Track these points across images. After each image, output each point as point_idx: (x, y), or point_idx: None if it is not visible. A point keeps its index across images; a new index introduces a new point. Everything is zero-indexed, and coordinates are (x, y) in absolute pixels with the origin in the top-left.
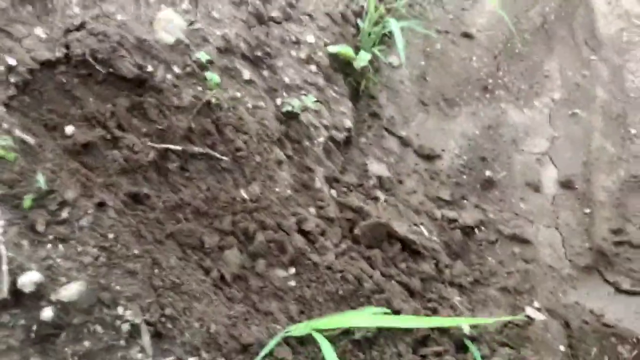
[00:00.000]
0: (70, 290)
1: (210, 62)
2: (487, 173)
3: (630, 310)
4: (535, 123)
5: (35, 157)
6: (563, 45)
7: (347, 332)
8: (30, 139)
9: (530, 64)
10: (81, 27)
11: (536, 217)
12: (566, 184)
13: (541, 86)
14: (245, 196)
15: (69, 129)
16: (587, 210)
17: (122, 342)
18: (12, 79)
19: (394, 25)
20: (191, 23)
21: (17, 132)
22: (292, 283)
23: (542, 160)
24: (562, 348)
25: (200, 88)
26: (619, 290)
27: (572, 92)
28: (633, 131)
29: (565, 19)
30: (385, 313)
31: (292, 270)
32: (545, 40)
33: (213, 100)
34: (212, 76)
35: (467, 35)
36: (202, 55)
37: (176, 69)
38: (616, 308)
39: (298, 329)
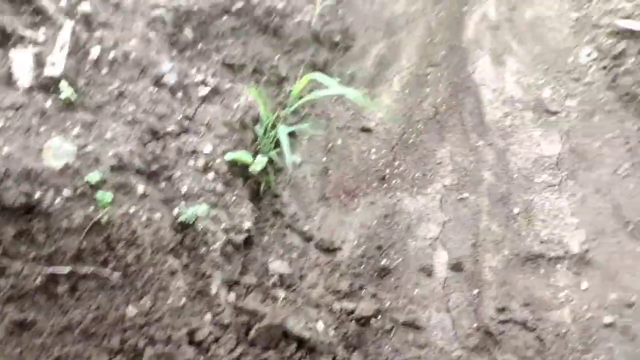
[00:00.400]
0: None
1: (102, 181)
2: (383, 262)
3: None
4: (427, 209)
5: None
6: (454, 132)
7: None
8: None
9: (424, 152)
10: None
11: (429, 302)
12: (456, 267)
13: (434, 173)
14: (135, 312)
15: None
16: (476, 291)
17: None
18: None
19: (281, 131)
20: (83, 147)
21: None
22: None
23: (434, 245)
24: None
25: (92, 208)
26: None
27: (461, 177)
28: (516, 210)
29: (456, 108)
30: None
31: None
32: (437, 130)
33: (104, 219)
34: (105, 195)
35: (366, 130)
36: (94, 177)
37: (66, 192)
38: None
39: None
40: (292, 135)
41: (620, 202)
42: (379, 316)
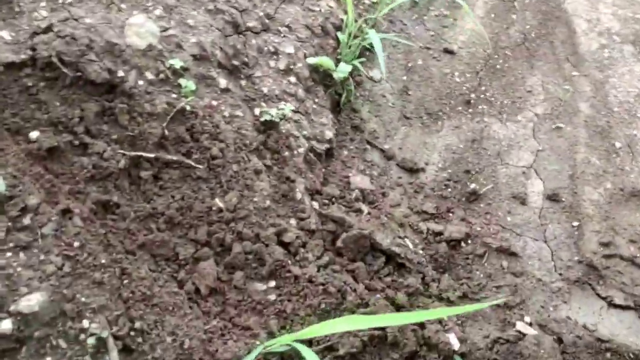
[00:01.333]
0: (31, 301)
1: (185, 69)
2: (472, 186)
3: (624, 325)
4: (518, 137)
5: None
6: (544, 61)
7: (330, 348)
8: None
9: (512, 79)
10: (48, 29)
11: (523, 230)
12: (553, 197)
13: (524, 101)
14: (222, 206)
15: (34, 134)
16: (575, 224)
17: (88, 358)
18: None
19: (373, 36)
20: (165, 29)
21: None
22: (272, 296)
23: (527, 174)
24: None
25: (174, 95)
26: (611, 304)
27: (555, 106)
28: (618, 144)
29: (546, 37)
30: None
31: (272, 283)
32: (526, 57)
33: (188, 108)
34: (187, 83)
35: (448, 51)
36: (176, 62)
37: (149, 75)
38: (609, 323)
39: (278, 343)
40: (370, 51)
41: None
42: (469, 240)
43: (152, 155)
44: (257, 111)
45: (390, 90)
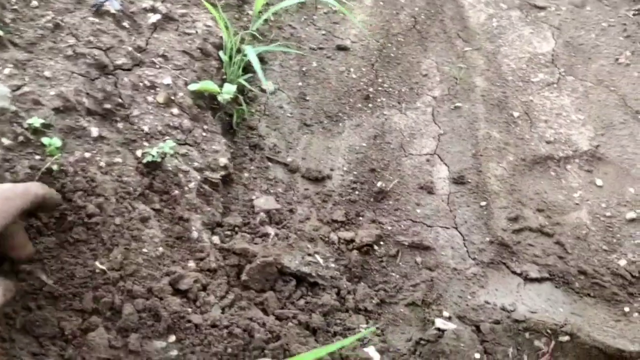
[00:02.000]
0: None
1: (48, 125)
2: (379, 184)
3: (542, 298)
4: (419, 124)
5: None
6: (437, 42)
7: None
8: None
9: (407, 65)
10: None
11: (433, 221)
12: (458, 180)
13: (421, 86)
14: (105, 267)
15: None
16: (483, 203)
17: None
18: None
19: (249, 52)
20: (17, 88)
21: None
22: (174, 352)
23: (431, 160)
24: (477, 355)
25: (38, 157)
26: (527, 279)
27: (451, 86)
28: (515, 114)
29: (435, 16)
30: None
31: (172, 337)
32: (418, 40)
33: (55, 167)
34: (51, 141)
35: (341, 48)
36: (35, 120)
37: (5, 141)
38: (528, 298)
39: None
40: (262, 61)
41: (625, 91)
42: (382, 242)
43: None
44: (139, 153)
45: (287, 100)
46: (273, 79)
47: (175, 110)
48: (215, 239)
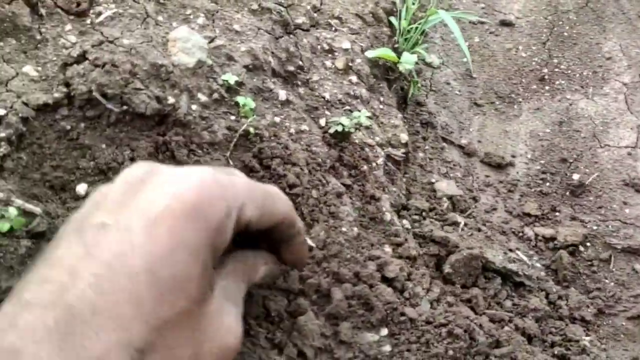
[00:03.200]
0: None
1: (240, 83)
2: (575, 176)
3: None
4: (612, 112)
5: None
6: (616, 23)
7: None
8: (34, 208)
9: (585, 47)
10: (81, 58)
11: None
12: None
13: (606, 70)
14: (310, 244)
15: (81, 187)
16: None
17: None
18: (2, 133)
19: (445, 16)
20: (211, 40)
21: (18, 201)
22: (387, 348)
23: (634, 155)
24: None
25: (233, 117)
26: None
27: None
28: None
29: None
30: None
31: (384, 331)
32: (594, 20)
33: (251, 130)
34: (246, 100)
35: (505, 24)
36: (230, 77)
37: (202, 97)
38: None
39: None
40: (423, 35)
41: None
42: (588, 243)
43: None
44: (322, 122)
45: (453, 76)
46: (435, 53)
47: (353, 78)
48: (405, 223)
